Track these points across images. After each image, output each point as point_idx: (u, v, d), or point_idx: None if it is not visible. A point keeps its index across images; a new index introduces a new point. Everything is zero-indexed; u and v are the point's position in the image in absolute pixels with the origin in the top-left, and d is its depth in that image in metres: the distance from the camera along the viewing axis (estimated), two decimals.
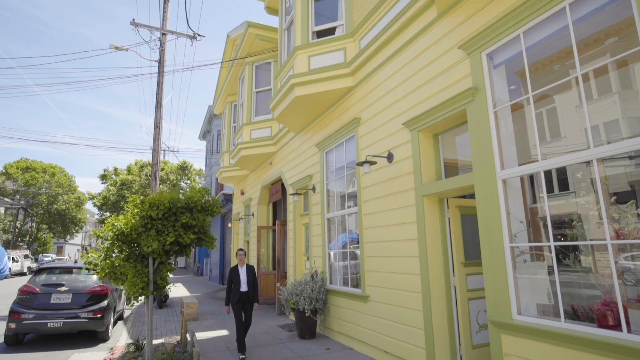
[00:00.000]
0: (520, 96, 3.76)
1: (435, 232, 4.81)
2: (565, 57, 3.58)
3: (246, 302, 6.11)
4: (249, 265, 6.30)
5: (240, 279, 6.14)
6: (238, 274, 6.17)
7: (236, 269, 6.21)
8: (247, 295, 6.10)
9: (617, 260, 3.57)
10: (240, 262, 6.26)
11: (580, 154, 3.13)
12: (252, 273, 6.23)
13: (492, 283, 3.70)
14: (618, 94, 3.82)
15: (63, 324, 7.03)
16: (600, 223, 3.36)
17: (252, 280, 6.19)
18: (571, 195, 4.86)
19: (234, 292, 6.08)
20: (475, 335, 4.68)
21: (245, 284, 6.13)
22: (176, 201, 5.31)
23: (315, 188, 8.01)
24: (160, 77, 14.21)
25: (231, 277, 6.15)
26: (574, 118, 4.12)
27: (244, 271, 6.21)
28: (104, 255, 5.05)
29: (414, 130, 5.02)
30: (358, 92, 6.55)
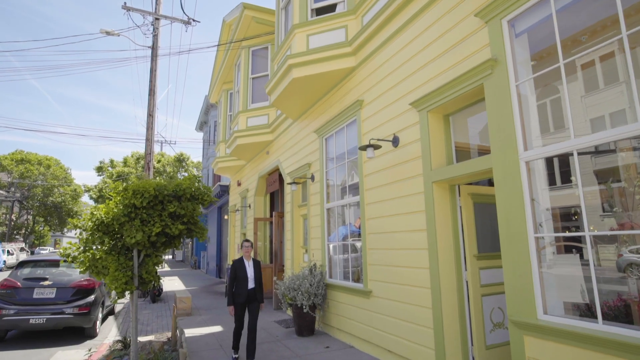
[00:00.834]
0: (542, 69, 3.31)
1: (446, 222, 4.39)
2: (598, 25, 3.14)
3: (252, 301, 5.35)
4: (255, 260, 5.51)
5: (247, 275, 5.31)
6: (244, 269, 5.32)
7: (241, 263, 5.38)
8: (254, 293, 5.34)
9: (621, 252, 3.17)
10: (246, 255, 5.45)
11: (626, 128, 2.69)
12: (259, 268, 5.46)
13: (514, 278, 3.28)
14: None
15: (46, 320, 6.62)
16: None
17: (259, 277, 5.46)
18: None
19: (238, 290, 5.24)
20: (489, 334, 4.29)
21: (252, 280, 5.35)
22: (162, 188, 4.86)
23: (314, 177, 7.57)
24: (153, 64, 13.71)
25: (235, 272, 5.31)
26: (610, 95, 3.68)
27: (250, 266, 5.40)
28: (84, 247, 4.61)
29: (423, 111, 4.58)
30: (360, 72, 6.09)
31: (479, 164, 3.79)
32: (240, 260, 5.43)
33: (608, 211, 4.56)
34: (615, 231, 4.38)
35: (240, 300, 5.23)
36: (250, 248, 5.50)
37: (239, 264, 5.37)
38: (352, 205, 6.42)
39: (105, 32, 13.36)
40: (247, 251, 5.46)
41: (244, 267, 5.36)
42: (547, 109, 3.47)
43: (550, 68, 3.22)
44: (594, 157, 4.93)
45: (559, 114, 3.44)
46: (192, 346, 6.09)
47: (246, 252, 5.46)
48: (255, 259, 5.53)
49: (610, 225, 4.66)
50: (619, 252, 4.75)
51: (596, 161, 4.76)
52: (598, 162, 4.58)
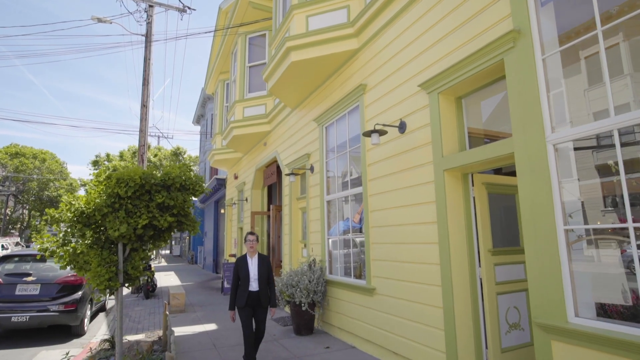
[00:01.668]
0: (573, 40, 2.93)
1: (458, 214, 4.02)
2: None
3: (257, 306, 4.56)
4: (262, 255, 4.75)
5: (249, 274, 4.56)
6: (247, 267, 4.59)
7: (244, 260, 4.65)
8: (259, 297, 4.54)
9: (624, 249, 2.82)
10: (250, 251, 4.71)
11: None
12: (266, 265, 4.69)
13: (539, 276, 2.92)
14: None
15: (30, 318, 6.26)
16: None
17: (267, 276, 4.67)
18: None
19: (240, 292, 4.54)
20: (505, 336, 3.93)
21: (255, 280, 4.56)
22: (150, 177, 4.48)
23: (314, 168, 7.19)
24: (147, 53, 13.27)
25: (237, 271, 4.61)
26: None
27: (254, 263, 4.65)
28: (62, 240, 4.22)
29: (433, 93, 4.19)
30: (364, 55, 5.69)
31: (498, 148, 3.42)
32: (243, 257, 4.71)
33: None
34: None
35: (240, 303, 4.51)
36: (255, 242, 4.74)
37: (241, 261, 4.65)
38: (353, 197, 6.05)
39: (97, 19, 12.89)
40: (252, 246, 4.71)
41: (245, 265, 4.60)
42: (575, 88, 3.09)
43: (587, 36, 2.83)
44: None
45: (589, 92, 3.07)
46: (183, 346, 5.74)
47: (250, 246, 4.71)
48: (261, 254, 4.80)
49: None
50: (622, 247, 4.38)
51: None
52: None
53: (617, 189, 2.84)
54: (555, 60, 3.09)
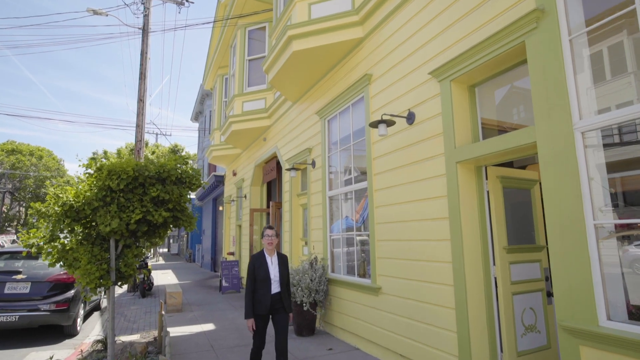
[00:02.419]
0: (599, 20, 2.69)
1: (472, 209, 3.78)
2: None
3: (278, 311, 3.87)
4: (281, 254, 4.03)
5: (269, 275, 3.82)
6: (266, 267, 3.83)
7: (262, 258, 3.89)
8: (281, 300, 3.86)
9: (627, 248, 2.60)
10: (268, 248, 3.94)
11: None
12: (286, 266, 4.01)
13: (566, 276, 2.68)
14: None
15: (19, 317, 5.99)
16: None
17: (287, 278, 3.99)
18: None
19: (260, 297, 3.76)
20: (521, 339, 3.70)
21: (277, 282, 3.86)
22: (143, 169, 4.23)
23: (315, 163, 6.95)
24: (144, 46, 12.98)
25: (253, 271, 3.83)
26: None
27: (274, 263, 3.91)
28: (50, 236, 3.97)
29: (445, 80, 3.95)
30: (369, 43, 5.44)
31: (519, 138, 3.17)
32: (260, 255, 3.93)
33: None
34: None
35: (261, 311, 3.74)
36: (275, 238, 3.97)
37: (258, 260, 3.88)
38: (357, 193, 5.80)
39: (92, 11, 12.59)
40: (270, 242, 3.94)
41: (264, 265, 3.85)
42: (604, 70, 2.85)
43: (623, 11, 2.58)
44: None
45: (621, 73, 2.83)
46: (179, 348, 5.49)
47: (268, 243, 3.93)
48: (280, 252, 4.07)
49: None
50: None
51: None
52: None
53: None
54: (583, 42, 2.84)
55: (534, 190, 4.16)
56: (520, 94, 4.03)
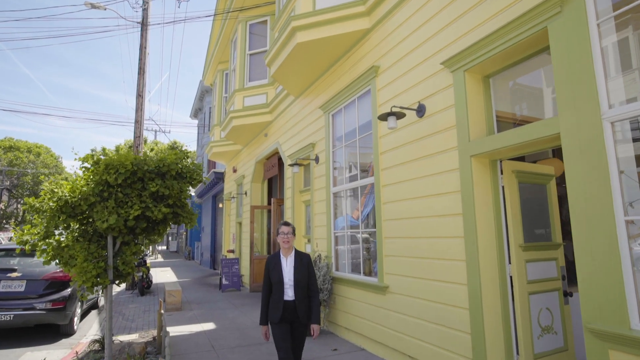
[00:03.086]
0: (628, 3, 2.51)
1: (487, 205, 3.61)
2: None
3: (293, 322, 3.36)
4: (300, 253, 3.49)
5: (283, 278, 3.34)
6: (279, 269, 3.38)
7: (276, 259, 3.44)
8: (295, 308, 3.32)
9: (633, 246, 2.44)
10: (284, 247, 3.44)
11: None
12: (305, 267, 3.43)
13: (594, 275, 2.52)
14: None
15: (14, 316, 5.82)
16: None
17: (307, 281, 3.40)
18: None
19: (273, 303, 3.36)
20: (537, 341, 3.54)
21: (291, 287, 3.34)
22: (142, 163, 4.05)
23: (319, 158, 6.77)
24: (143, 40, 12.78)
25: (268, 273, 3.43)
26: None
27: (290, 264, 3.40)
28: (45, 233, 3.79)
29: (458, 71, 3.77)
30: (376, 34, 5.26)
31: (540, 129, 3.00)
32: (275, 255, 3.48)
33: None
34: None
35: (274, 318, 3.31)
36: (292, 235, 3.46)
37: (272, 261, 3.44)
38: (363, 188, 5.63)
39: (90, 4, 12.35)
40: (286, 240, 3.42)
41: (279, 266, 3.39)
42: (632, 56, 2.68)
43: None
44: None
45: None
46: (179, 348, 5.32)
47: (284, 241, 3.42)
48: (300, 251, 3.52)
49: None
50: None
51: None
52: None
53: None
54: (610, 27, 2.67)
55: (549, 185, 4.00)
56: (537, 84, 3.86)
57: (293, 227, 3.54)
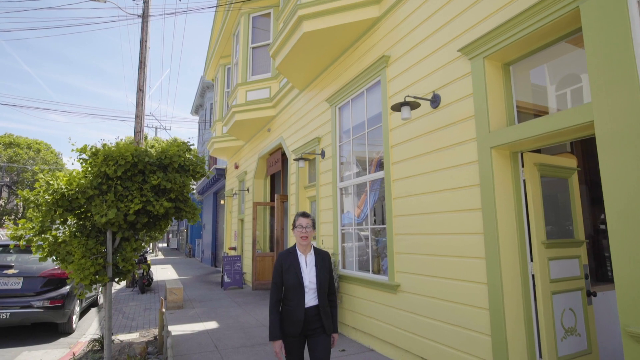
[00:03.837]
0: None
1: (507, 199, 3.41)
2: None
3: (316, 332, 2.75)
4: (320, 251, 2.90)
5: (302, 280, 2.73)
6: (297, 269, 2.75)
7: (292, 257, 2.81)
8: (319, 316, 2.74)
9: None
10: (301, 244, 2.82)
11: None
12: (327, 268, 2.84)
13: (632, 273, 2.32)
14: None
15: (10, 315, 5.63)
16: None
17: (324, 283, 2.78)
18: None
19: (290, 311, 2.71)
20: (561, 343, 3.35)
21: (314, 290, 2.75)
22: (143, 155, 3.85)
23: (325, 153, 6.57)
24: (143, 34, 12.58)
25: (280, 274, 2.78)
26: None
27: (309, 264, 2.80)
28: (40, 227, 3.59)
29: (477, 58, 3.57)
30: (386, 23, 5.05)
31: (570, 117, 2.80)
32: (290, 252, 2.84)
33: None
34: None
35: (292, 331, 2.69)
36: (312, 229, 2.83)
37: (287, 259, 2.80)
38: (372, 183, 5.43)
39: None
40: (305, 235, 2.79)
41: (295, 266, 2.76)
42: None
43: None
44: None
45: None
46: (181, 348, 5.14)
47: (302, 236, 2.79)
48: (319, 249, 2.95)
49: None
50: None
51: None
52: None
53: None
54: None
55: (571, 179, 3.80)
56: (559, 72, 3.65)
57: (313, 219, 2.89)
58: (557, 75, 3.69)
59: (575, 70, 3.33)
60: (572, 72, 3.45)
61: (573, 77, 3.42)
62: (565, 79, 3.63)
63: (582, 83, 3.25)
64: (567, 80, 3.61)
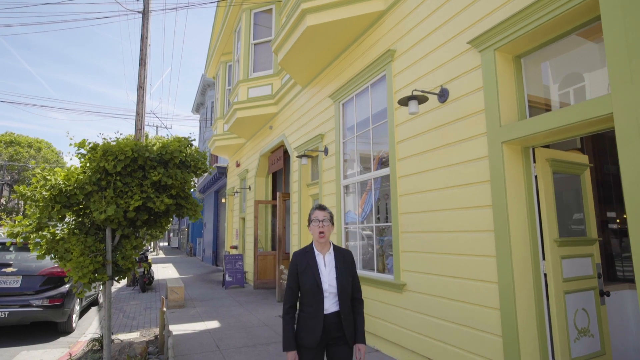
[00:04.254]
0: None
1: (519, 196, 3.31)
2: None
3: (337, 342, 2.43)
4: (340, 249, 2.55)
5: (320, 284, 2.39)
6: (315, 270, 2.41)
7: (309, 256, 2.47)
8: (340, 324, 2.41)
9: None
10: (319, 242, 2.47)
11: None
12: (349, 268, 2.49)
13: None
14: None
15: (9, 314, 5.54)
16: None
17: (347, 285, 2.44)
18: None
19: (307, 318, 2.40)
20: (574, 344, 3.24)
21: (334, 295, 2.41)
22: (143, 150, 3.75)
23: (328, 150, 6.47)
24: (144, 30, 12.47)
25: (296, 275, 2.45)
26: None
27: (329, 263, 2.46)
28: (37, 224, 3.49)
29: (488, 50, 3.46)
30: (392, 16, 4.94)
31: (588, 109, 2.69)
32: (307, 251, 2.49)
33: None
34: None
35: (309, 341, 2.35)
36: (330, 224, 2.47)
37: (304, 259, 2.45)
38: (377, 180, 5.33)
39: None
40: (322, 231, 2.42)
41: (313, 267, 2.42)
42: None
43: None
44: None
45: None
46: (182, 348, 5.05)
47: (320, 233, 2.42)
48: (339, 246, 2.67)
49: None
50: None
51: None
52: None
53: None
54: None
55: (583, 175, 3.69)
56: (567, 68, 3.54)
57: (331, 213, 2.52)
58: (568, 69, 3.58)
59: (586, 64, 3.22)
60: (583, 66, 3.34)
61: (584, 71, 3.31)
62: (574, 73, 3.52)
63: (592, 78, 3.14)
64: (577, 75, 3.51)
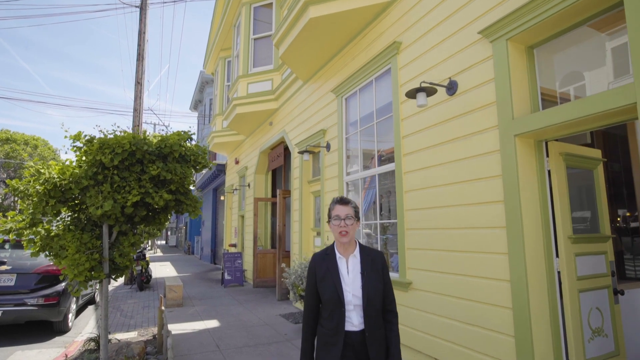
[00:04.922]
0: None
1: (532, 191, 3.19)
2: None
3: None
4: (367, 250, 2.07)
5: (341, 294, 1.94)
6: (336, 277, 1.98)
7: (329, 260, 2.04)
8: (363, 343, 1.93)
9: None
10: (341, 242, 2.02)
11: None
12: (379, 272, 2.01)
13: None
14: None
15: (3, 313, 5.41)
16: None
17: (381, 297, 1.98)
18: None
19: (324, 337, 1.99)
20: (588, 344, 3.13)
21: (359, 307, 1.94)
22: (142, 143, 3.61)
23: (330, 146, 6.34)
24: (142, 26, 12.32)
25: (314, 283, 2.04)
26: None
27: (354, 268, 2.00)
28: (31, 220, 3.35)
29: (500, 40, 3.34)
30: (397, 7, 4.81)
31: (609, 100, 2.57)
32: (327, 254, 2.09)
33: None
34: None
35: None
36: (355, 221, 2.02)
37: (323, 263, 2.05)
38: (381, 176, 5.21)
39: None
40: (344, 231, 1.98)
41: (334, 273, 2.00)
42: None
43: None
44: None
45: None
46: (182, 347, 4.92)
47: (341, 232, 1.98)
48: (365, 246, 2.11)
49: None
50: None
51: None
52: None
53: None
54: None
55: (597, 170, 3.58)
56: (581, 59, 3.42)
57: (355, 207, 2.06)
58: (580, 61, 3.46)
59: (598, 57, 3.11)
60: (594, 59, 3.23)
61: (595, 64, 3.19)
62: (586, 65, 3.41)
63: (602, 72, 3.02)
64: (588, 67, 3.39)
